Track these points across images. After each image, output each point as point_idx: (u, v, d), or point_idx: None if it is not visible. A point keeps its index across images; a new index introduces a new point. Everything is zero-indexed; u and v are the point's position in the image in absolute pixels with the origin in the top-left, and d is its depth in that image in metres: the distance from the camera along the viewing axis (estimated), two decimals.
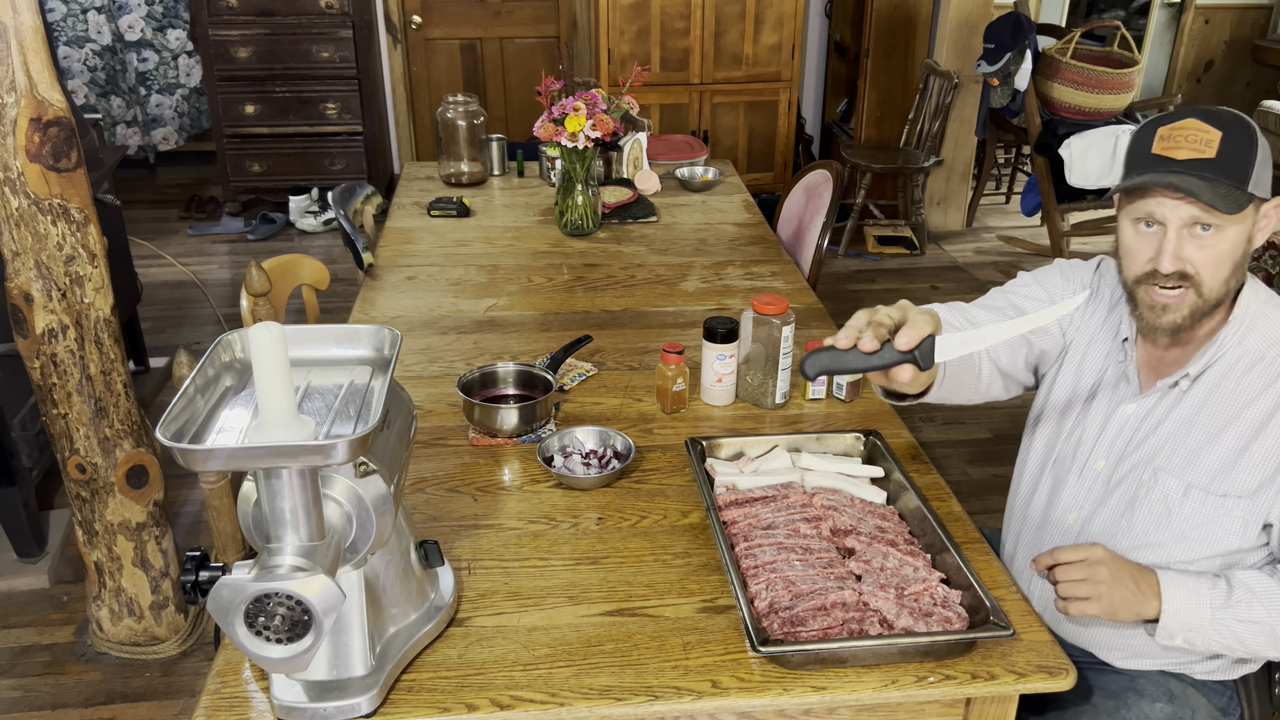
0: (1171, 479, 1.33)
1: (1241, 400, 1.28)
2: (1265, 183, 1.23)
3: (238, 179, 4.96)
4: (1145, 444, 1.36)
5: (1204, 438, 1.31)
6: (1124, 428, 1.39)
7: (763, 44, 4.73)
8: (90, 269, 1.99)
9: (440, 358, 1.99)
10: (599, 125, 2.40)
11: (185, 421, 1.01)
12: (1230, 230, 1.22)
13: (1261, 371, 1.28)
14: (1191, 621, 1.25)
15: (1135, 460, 1.37)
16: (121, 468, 2.14)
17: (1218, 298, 1.27)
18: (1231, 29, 6.13)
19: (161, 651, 2.33)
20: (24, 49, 1.82)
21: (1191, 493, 1.31)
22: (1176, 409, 1.34)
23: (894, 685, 1.18)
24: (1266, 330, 1.30)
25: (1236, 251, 1.25)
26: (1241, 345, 1.30)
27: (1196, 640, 1.26)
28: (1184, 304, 1.27)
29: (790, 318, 1.76)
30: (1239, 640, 1.26)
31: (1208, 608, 1.25)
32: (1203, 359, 1.31)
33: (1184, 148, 1.22)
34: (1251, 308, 1.31)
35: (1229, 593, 1.25)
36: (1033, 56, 4.27)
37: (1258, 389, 1.28)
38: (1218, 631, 1.25)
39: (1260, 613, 1.24)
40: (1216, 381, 1.31)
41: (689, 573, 1.38)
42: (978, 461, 3.09)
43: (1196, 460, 1.31)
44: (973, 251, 4.87)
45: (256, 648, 0.99)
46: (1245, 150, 1.20)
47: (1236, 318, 1.30)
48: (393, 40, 5.21)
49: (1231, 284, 1.27)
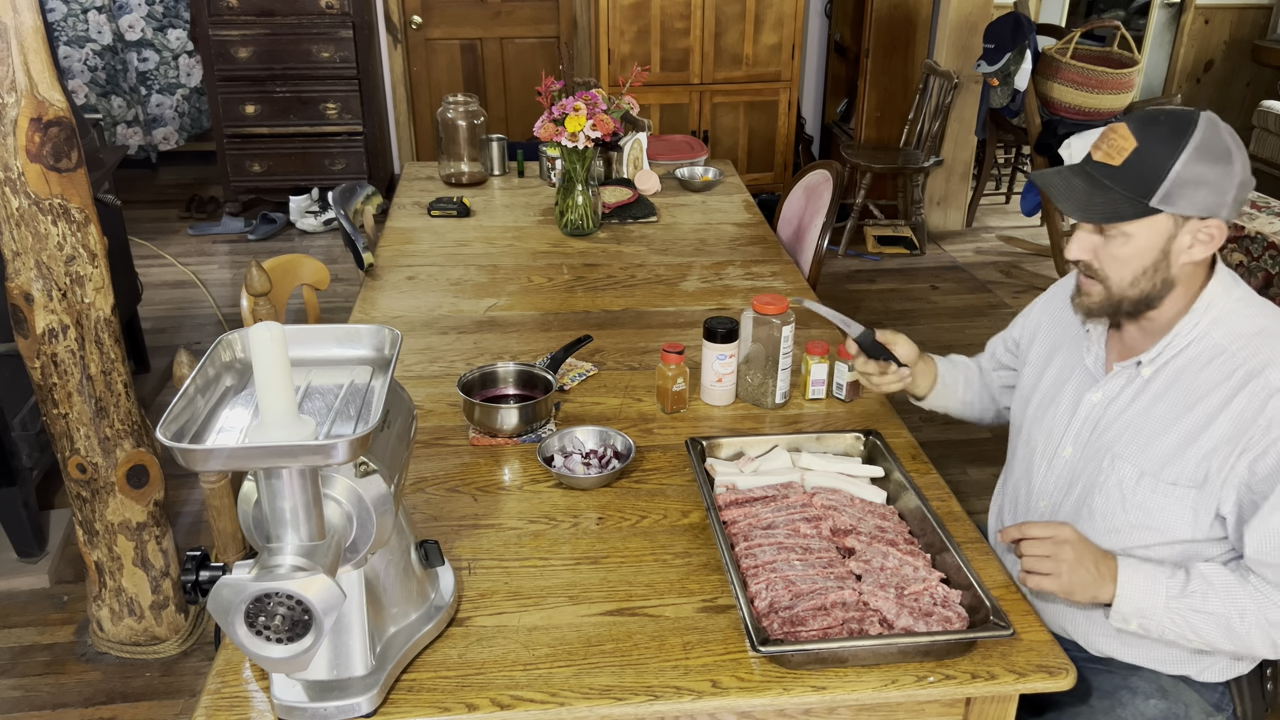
0: (1127, 465, 1.36)
1: (1198, 393, 1.31)
2: (1198, 201, 1.23)
3: (238, 179, 4.96)
4: (1108, 431, 1.40)
5: (1159, 426, 1.33)
6: (1089, 415, 1.43)
7: (763, 44, 4.73)
8: (91, 269, 1.99)
9: (440, 358, 1.99)
10: (599, 125, 2.40)
11: (186, 421, 1.01)
12: (1135, 236, 1.27)
13: (1219, 366, 1.30)
14: (1145, 607, 1.27)
15: (1098, 447, 1.41)
16: (122, 467, 2.14)
17: (1130, 297, 1.31)
18: (1231, 29, 6.12)
19: (162, 651, 2.33)
20: (24, 49, 1.82)
21: (1144, 479, 1.34)
22: (1139, 398, 1.37)
23: (894, 685, 1.19)
24: (1232, 326, 1.31)
25: (1144, 258, 1.28)
26: (1205, 339, 1.32)
27: (1150, 626, 1.28)
28: (1095, 292, 1.34)
29: (790, 318, 1.76)
30: (1193, 630, 1.27)
31: (1162, 595, 1.26)
32: (1158, 347, 1.35)
33: (1101, 149, 1.28)
34: (1217, 302, 1.32)
35: (1185, 582, 1.27)
36: (1033, 56, 4.27)
37: (1213, 383, 1.30)
38: (1171, 620, 1.27)
39: (1215, 604, 1.25)
40: (1178, 373, 1.34)
41: (689, 573, 1.38)
42: (978, 461, 3.09)
43: (1149, 447, 1.34)
44: (973, 251, 4.87)
45: (257, 647, 0.99)
46: (1160, 161, 1.22)
47: (1197, 310, 1.32)
48: (393, 40, 5.21)
49: (1144, 287, 1.30)
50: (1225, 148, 1.23)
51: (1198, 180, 1.22)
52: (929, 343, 3.90)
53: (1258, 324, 1.30)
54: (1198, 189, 1.23)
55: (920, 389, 1.67)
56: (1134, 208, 1.24)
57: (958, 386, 1.71)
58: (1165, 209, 1.24)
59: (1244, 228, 2.93)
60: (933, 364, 1.68)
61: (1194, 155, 1.22)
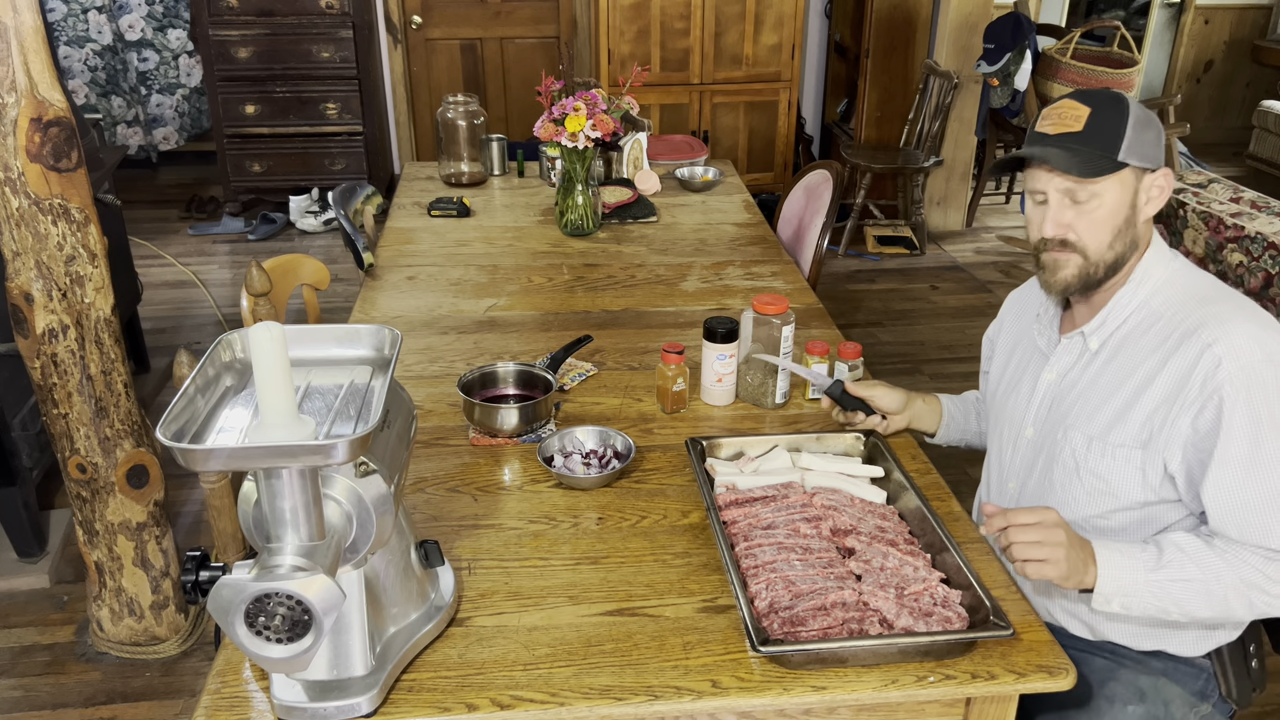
0: (1077, 434, 1.41)
1: (1138, 357, 1.37)
2: (1147, 154, 1.34)
3: (238, 179, 4.96)
4: (1061, 405, 1.46)
5: (1105, 393, 1.40)
6: (1046, 394, 1.49)
7: (763, 44, 4.73)
8: (91, 269, 1.99)
9: (440, 358, 1.99)
10: (599, 125, 2.40)
11: (185, 421, 1.01)
12: (1107, 197, 1.33)
13: (1158, 331, 1.36)
14: (1127, 585, 1.28)
15: (1053, 422, 1.47)
16: (122, 468, 2.14)
17: (1106, 261, 1.37)
18: (1231, 29, 6.12)
19: (162, 651, 2.33)
20: (24, 49, 1.82)
21: (1093, 445, 1.39)
22: (1087, 370, 1.43)
23: (894, 685, 1.19)
24: (1169, 294, 1.38)
25: (1117, 216, 1.34)
26: (1145, 308, 1.39)
27: (1132, 604, 1.28)
28: (1071, 263, 1.38)
29: (790, 318, 1.76)
30: (1173, 601, 1.28)
31: (1141, 570, 1.27)
32: (1099, 317, 1.41)
33: (1057, 124, 1.35)
34: (1153, 271, 1.39)
35: (1159, 554, 1.28)
36: (1032, 56, 4.27)
37: (1152, 346, 1.36)
38: (1152, 594, 1.27)
39: (1192, 570, 1.27)
40: (1121, 342, 1.40)
41: (689, 573, 1.38)
42: (978, 461, 3.09)
43: (1097, 415, 1.40)
44: (973, 251, 4.87)
45: (257, 647, 0.99)
46: (1114, 123, 1.32)
47: (1134, 279, 1.39)
48: (393, 40, 5.21)
49: (1119, 248, 1.36)
50: (1147, 112, 1.35)
51: (1142, 136, 1.33)
52: (929, 343, 3.91)
53: (1193, 290, 1.37)
54: (1144, 144, 1.33)
55: (926, 426, 1.72)
56: (1109, 163, 1.32)
57: (969, 418, 1.75)
58: (1130, 162, 1.32)
59: (1244, 228, 2.93)
60: (936, 402, 1.72)
61: (1135, 115, 1.33)
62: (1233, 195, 3.12)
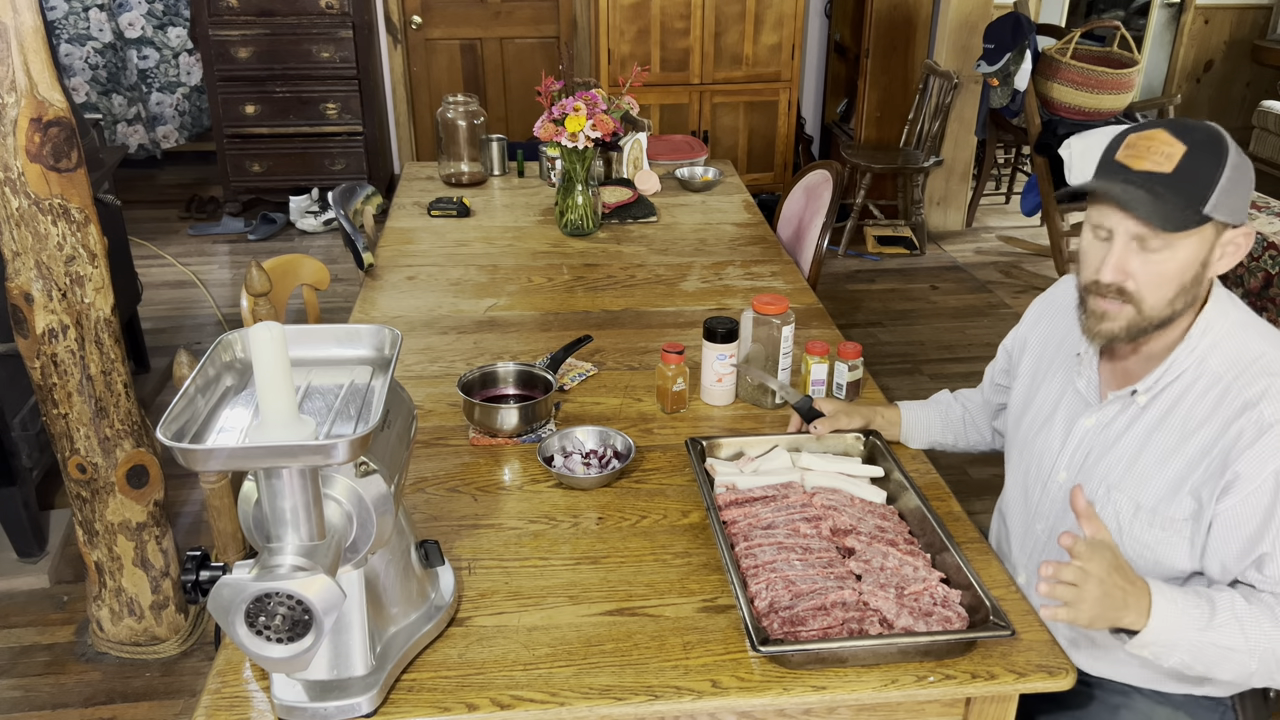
0: (1123, 498, 1.32)
1: (1193, 423, 1.27)
2: (1234, 209, 1.20)
3: (238, 179, 4.96)
4: (1103, 460, 1.36)
5: (1155, 459, 1.30)
6: (1083, 441, 1.39)
7: (763, 44, 4.73)
8: (90, 269, 1.99)
9: (440, 358, 1.99)
10: (599, 125, 2.40)
11: (186, 421, 1.01)
12: (1181, 250, 1.20)
13: (1216, 396, 1.25)
14: (1172, 639, 1.18)
15: (1090, 475, 1.37)
16: (122, 468, 2.14)
17: (1160, 317, 1.25)
18: (1231, 29, 6.12)
19: (162, 651, 2.33)
20: (24, 49, 1.82)
21: (1140, 514, 1.31)
22: (1134, 426, 1.33)
23: (894, 685, 1.19)
24: (1228, 352, 1.26)
25: (1185, 273, 1.22)
26: (1201, 366, 1.28)
27: (1163, 656, 1.20)
28: (1122, 316, 1.26)
29: (790, 318, 1.76)
30: (1204, 662, 1.20)
31: (1192, 629, 1.18)
32: (1154, 375, 1.30)
33: (1144, 158, 1.20)
34: (1214, 327, 1.28)
35: (1212, 614, 1.19)
36: (1032, 56, 4.27)
37: (1208, 413, 1.25)
38: (1190, 653, 1.20)
39: (1239, 640, 1.19)
40: (1174, 402, 1.29)
41: (689, 572, 1.38)
42: (978, 462, 3.09)
43: (1147, 482, 1.30)
44: (973, 251, 4.87)
45: (257, 647, 0.99)
46: (1208, 170, 1.17)
47: (1193, 335, 1.28)
48: (393, 40, 5.21)
49: (1178, 305, 1.24)
50: (1244, 157, 1.21)
51: (1235, 187, 1.19)
52: (929, 343, 3.91)
53: (1255, 349, 1.26)
54: (1235, 196, 1.19)
55: (890, 436, 1.66)
56: (1194, 217, 1.18)
57: (931, 429, 1.70)
58: (1215, 217, 1.18)
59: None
60: (896, 413, 1.68)
61: (1233, 162, 1.18)
62: None
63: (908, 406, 1.71)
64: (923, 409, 1.72)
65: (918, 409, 1.71)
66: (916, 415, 1.70)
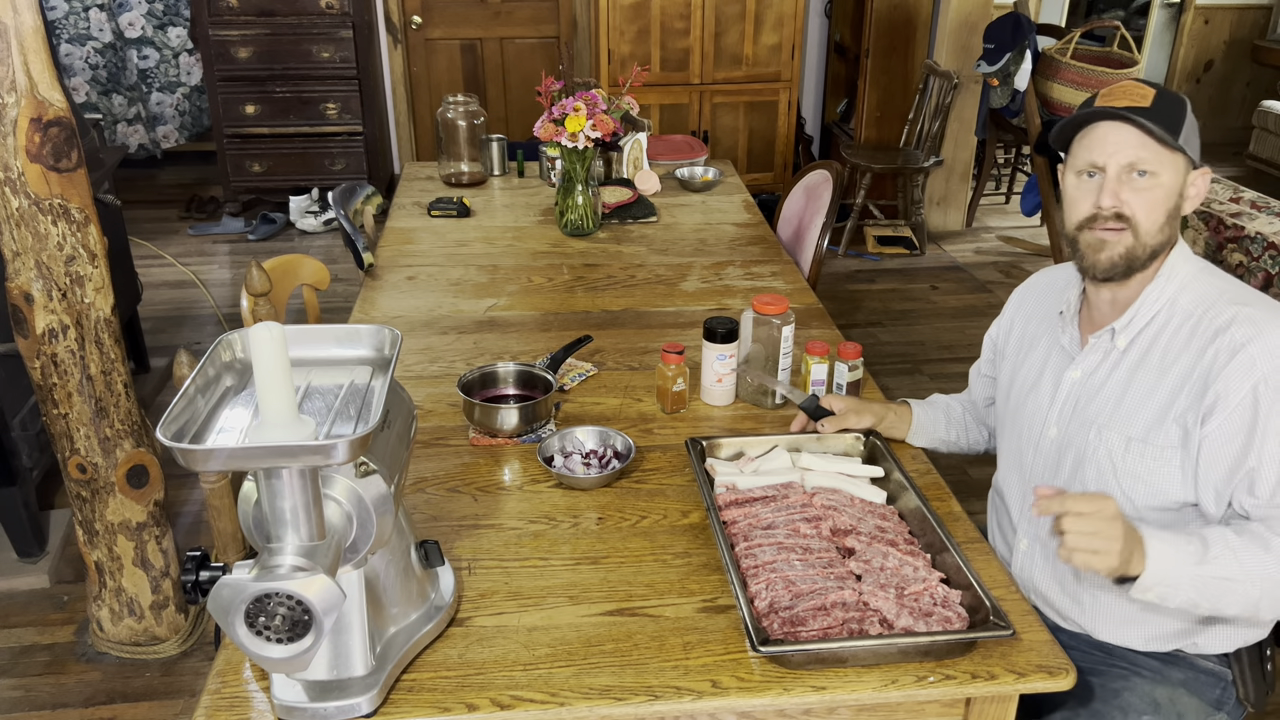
0: (1114, 434, 1.39)
1: (1170, 356, 1.36)
2: (1195, 148, 1.35)
3: (238, 179, 4.96)
4: (1090, 404, 1.44)
5: (1140, 394, 1.38)
6: (1070, 392, 1.47)
7: (763, 44, 4.73)
8: (90, 269, 1.99)
9: (440, 358, 1.99)
10: (599, 125, 2.40)
11: (186, 421, 1.01)
12: (1165, 177, 1.33)
13: (1190, 329, 1.36)
14: (1171, 577, 1.24)
15: (1081, 421, 1.44)
16: (122, 468, 2.14)
17: (1153, 244, 1.36)
18: (1231, 29, 6.13)
19: (162, 651, 2.33)
20: (24, 49, 1.82)
21: (1132, 445, 1.38)
22: (1116, 370, 1.42)
23: (894, 685, 1.19)
24: (1194, 292, 1.38)
25: (1170, 201, 1.35)
26: (1172, 306, 1.38)
27: (1169, 595, 1.26)
28: (1121, 242, 1.36)
29: (790, 318, 1.76)
30: (1209, 596, 1.25)
31: (1189, 563, 1.24)
32: (1129, 314, 1.40)
33: (1122, 99, 1.35)
34: (1180, 270, 1.39)
35: (1205, 549, 1.25)
36: (1032, 57, 4.27)
37: (1184, 343, 1.35)
38: (1194, 588, 1.25)
39: (1235, 569, 1.24)
40: (1150, 341, 1.39)
41: (689, 573, 1.38)
42: (978, 462, 3.09)
43: (1134, 415, 1.38)
44: (973, 251, 4.87)
45: (257, 647, 0.99)
46: (1177, 108, 1.33)
47: (1161, 277, 1.39)
48: (393, 40, 5.21)
49: (1166, 233, 1.36)
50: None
51: (1194, 131, 1.35)
52: (929, 343, 3.91)
53: (1219, 286, 1.38)
54: (1193, 136, 1.34)
55: (896, 435, 1.69)
56: (1173, 140, 1.31)
57: (938, 427, 1.73)
58: (1186, 151, 1.33)
59: (1244, 228, 2.93)
60: (907, 411, 1.70)
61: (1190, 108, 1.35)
62: (1233, 195, 3.12)
63: (915, 404, 1.73)
64: (929, 407, 1.74)
65: (924, 407, 1.74)
66: (925, 413, 1.72)
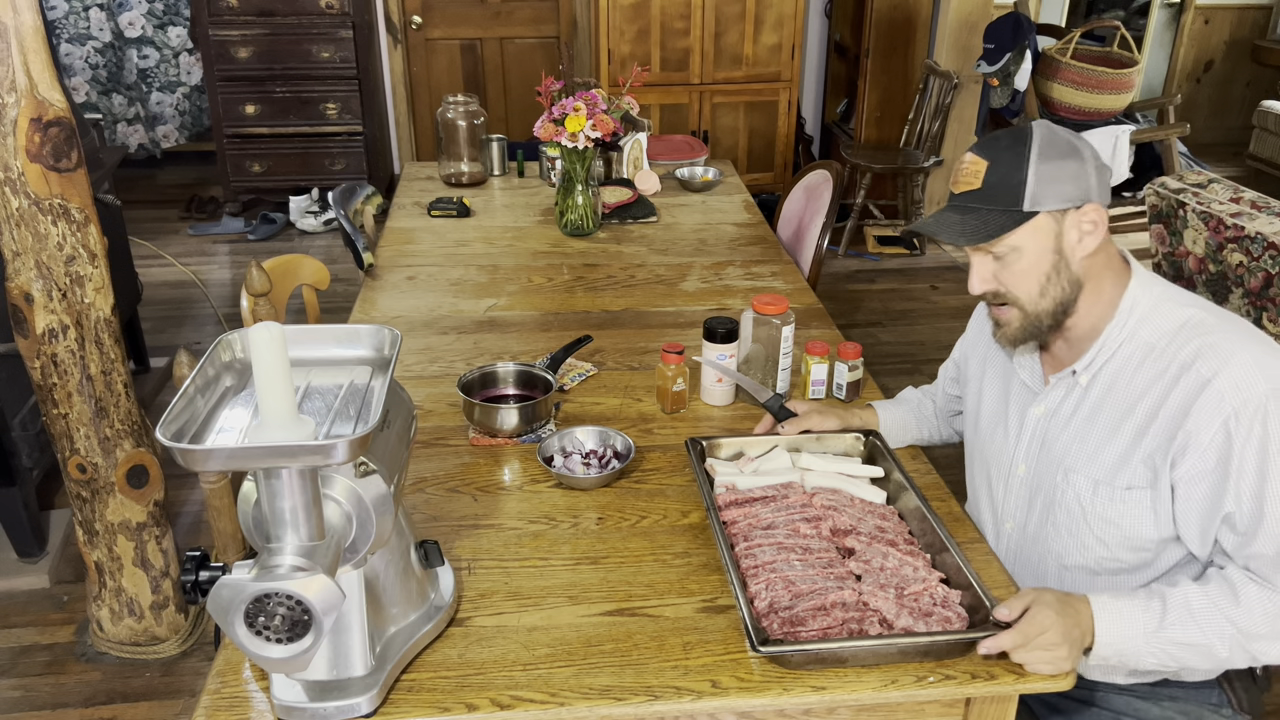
0: (1081, 479, 1.36)
1: (1135, 393, 1.31)
2: (1064, 194, 1.27)
3: (238, 179, 4.96)
4: (1056, 444, 1.40)
5: (1105, 433, 1.34)
6: (1036, 430, 1.44)
7: (763, 44, 4.73)
8: (90, 269, 1.99)
9: (440, 358, 1.99)
10: (599, 125, 2.40)
11: (185, 421, 1.01)
12: (1025, 248, 1.29)
13: (1152, 364, 1.31)
14: (1124, 647, 1.23)
15: (1048, 462, 1.41)
16: (122, 468, 2.14)
17: (1046, 310, 1.32)
18: (1231, 29, 6.13)
19: (162, 651, 2.33)
20: (24, 49, 1.82)
21: (1099, 489, 1.34)
22: (1080, 407, 1.38)
23: (894, 685, 1.19)
24: (1158, 323, 1.32)
25: (1043, 264, 1.30)
26: (1133, 340, 1.33)
27: (1129, 660, 1.24)
28: (1012, 319, 1.35)
29: (790, 318, 1.76)
30: (1173, 659, 1.24)
31: (1140, 631, 1.22)
32: (1090, 354, 1.36)
33: (960, 182, 1.32)
34: (1140, 303, 1.33)
35: (1163, 613, 1.22)
36: (1032, 56, 4.27)
37: (1149, 381, 1.30)
38: (1151, 654, 1.23)
39: (1195, 634, 1.22)
40: (1113, 377, 1.34)
41: (689, 573, 1.38)
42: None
43: (1099, 456, 1.34)
44: None
45: (256, 648, 0.99)
46: (1013, 174, 1.27)
47: (1122, 312, 1.33)
48: (393, 40, 5.21)
49: (1054, 293, 1.31)
50: (1067, 142, 1.29)
51: (1055, 175, 1.27)
52: (929, 343, 3.91)
53: (1182, 316, 1.31)
54: (1059, 183, 1.27)
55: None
56: (1012, 218, 1.27)
57: (908, 428, 1.72)
58: (1040, 209, 1.27)
59: (1244, 228, 2.93)
60: (873, 414, 1.69)
61: (1040, 155, 1.27)
62: (1233, 195, 3.12)
63: (883, 406, 1.71)
64: (897, 408, 1.73)
65: (892, 408, 1.72)
66: (893, 415, 1.70)
